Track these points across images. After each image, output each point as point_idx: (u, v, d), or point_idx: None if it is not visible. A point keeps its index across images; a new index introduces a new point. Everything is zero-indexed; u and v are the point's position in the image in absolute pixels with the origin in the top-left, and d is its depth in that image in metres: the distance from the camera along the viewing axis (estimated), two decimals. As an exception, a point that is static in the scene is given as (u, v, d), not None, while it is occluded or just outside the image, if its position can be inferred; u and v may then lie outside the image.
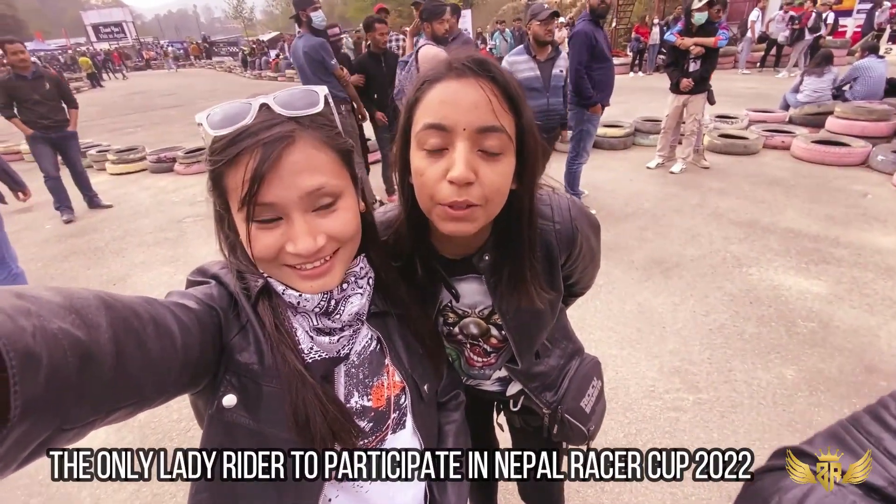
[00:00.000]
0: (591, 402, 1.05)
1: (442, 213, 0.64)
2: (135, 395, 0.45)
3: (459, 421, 0.91)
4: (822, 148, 5.13)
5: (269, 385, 0.59)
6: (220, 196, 0.59)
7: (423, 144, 0.63)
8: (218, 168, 0.55)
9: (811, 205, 4.12)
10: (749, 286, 2.99)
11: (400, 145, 0.69)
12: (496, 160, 0.62)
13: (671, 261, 3.35)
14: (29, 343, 0.34)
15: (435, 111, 0.61)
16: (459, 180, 0.60)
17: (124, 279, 3.69)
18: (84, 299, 0.41)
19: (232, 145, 0.54)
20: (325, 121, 0.60)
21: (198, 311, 0.56)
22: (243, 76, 22.64)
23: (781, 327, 2.59)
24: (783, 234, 3.64)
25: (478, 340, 0.92)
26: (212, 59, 35.98)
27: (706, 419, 2.03)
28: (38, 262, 4.11)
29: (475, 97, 0.60)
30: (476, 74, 0.61)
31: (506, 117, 0.62)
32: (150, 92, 17.72)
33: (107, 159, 6.77)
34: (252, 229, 0.55)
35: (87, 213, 5.21)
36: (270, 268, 0.60)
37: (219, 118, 0.56)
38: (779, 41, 11.84)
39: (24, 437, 0.35)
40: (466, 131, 0.60)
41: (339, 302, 0.64)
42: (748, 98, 8.45)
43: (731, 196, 4.41)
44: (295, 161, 0.54)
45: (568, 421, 1.02)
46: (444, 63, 0.63)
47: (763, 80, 11.05)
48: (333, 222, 0.59)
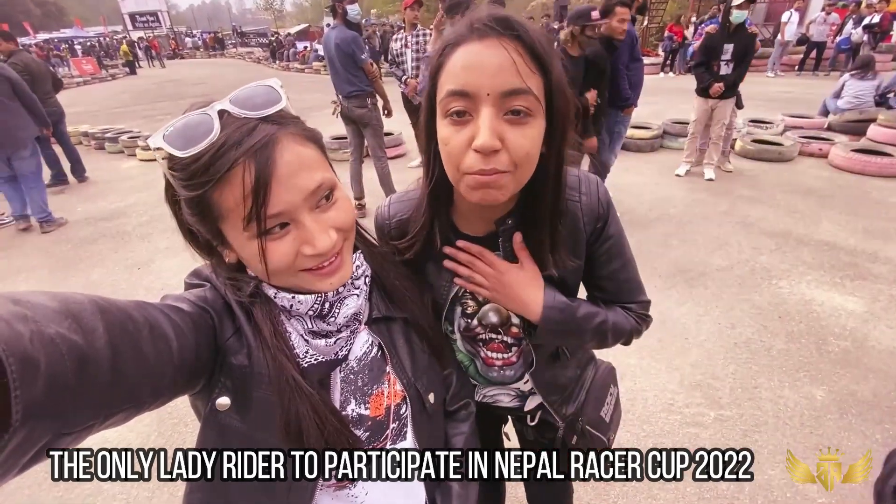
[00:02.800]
0: (610, 410, 1.02)
1: (471, 182, 0.61)
2: (132, 398, 0.45)
3: (468, 433, 0.88)
4: (863, 157, 4.90)
5: (258, 390, 0.58)
6: (210, 223, 0.54)
7: (447, 112, 0.60)
8: (205, 192, 0.51)
9: (848, 217, 3.94)
10: (779, 300, 2.87)
11: (426, 114, 0.67)
12: (524, 124, 0.59)
13: (696, 270, 3.24)
14: (27, 348, 0.34)
15: (457, 76, 0.58)
16: (484, 149, 0.57)
17: (148, 264, 3.78)
18: (79, 304, 0.41)
19: (216, 160, 0.49)
20: (291, 115, 0.58)
21: (192, 314, 0.55)
22: (271, 67, 22.94)
23: (812, 345, 2.47)
24: (817, 246, 3.48)
25: (498, 332, 0.87)
26: (223, 49, 36.95)
27: (727, 437, 1.95)
28: (69, 244, 4.24)
29: (499, 59, 0.56)
30: (499, 34, 0.57)
31: (533, 78, 0.58)
32: (183, 80, 18.13)
33: (137, 146, 6.94)
34: (266, 244, 0.53)
35: (118, 198, 5.35)
36: (285, 277, 0.58)
37: (181, 136, 0.50)
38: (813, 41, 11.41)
39: (25, 442, 0.35)
40: (491, 96, 0.57)
41: (333, 304, 0.63)
42: (783, 102, 8.13)
43: (763, 204, 4.25)
44: (288, 162, 0.52)
45: (589, 432, 0.98)
46: (466, 24, 0.60)
47: (799, 83, 10.62)
48: (337, 214, 0.58)
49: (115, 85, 18.89)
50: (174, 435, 2.14)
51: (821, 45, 11.64)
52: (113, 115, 10.12)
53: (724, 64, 4.31)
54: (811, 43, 11.72)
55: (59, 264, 3.86)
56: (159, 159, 0.53)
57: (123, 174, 6.32)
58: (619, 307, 0.86)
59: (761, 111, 6.86)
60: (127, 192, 5.51)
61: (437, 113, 0.63)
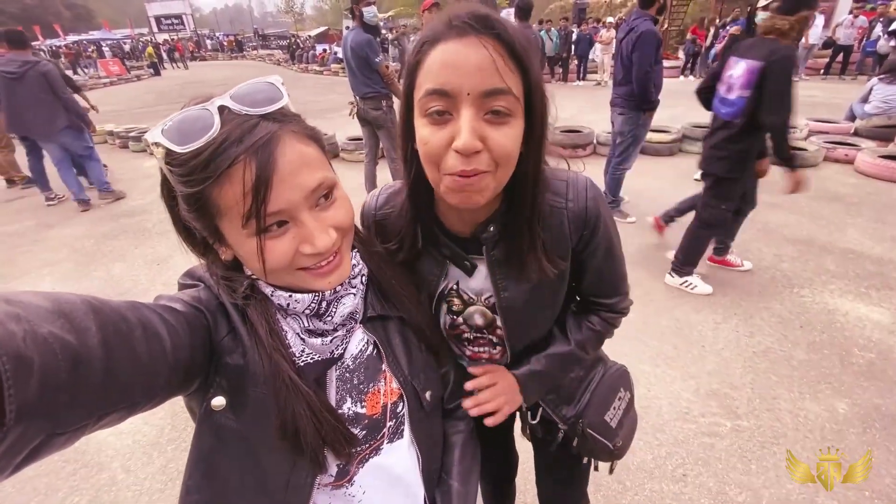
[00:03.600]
0: (618, 415, 0.99)
1: (451, 184, 0.60)
2: (125, 399, 0.44)
3: (466, 432, 0.87)
4: (891, 164, 4.74)
5: (254, 389, 0.58)
6: (208, 220, 0.54)
7: (426, 111, 0.59)
8: (204, 188, 0.50)
9: (875, 224, 3.81)
10: (800, 309, 2.79)
11: (403, 111, 0.65)
12: (504, 123, 0.58)
13: (715, 276, 3.17)
14: (20, 347, 0.34)
15: (436, 75, 0.57)
16: (466, 150, 0.56)
17: (167, 260, 3.85)
18: (71, 304, 0.41)
19: (217, 157, 0.49)
20: (292, 113, 0.57)
21: (186, 314, 0.55)
22: (291, 69, 23.27)
23: (835, 356, 2.39)
24: (842, 254, 3.38)
25: (483, 332, 0.87)
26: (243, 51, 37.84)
27: (744, 448, 1.90)
28: (91, 239, 4.35)
29: (478, 58, 0.55)
30: (479, 32, 0.56)
31: (512, 77, 0.57)
32: (205, 82, 18.49)
33: (159, 144, 7.09)
34: (266, 242, 0.53)
35: (140, 195, 5.47)
36: (283, 276, 0.57)
37: (180, 131, 0.50)
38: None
39: (18, 441, 0.35)
40: (471, 96, 0.56)
41: (330, 303, 0.63)
42: (808, 107, 7.92)
43: (785, 210, 4.14)
44: (290, 161, 0.52)
45: (590, 436, 0.96)
46: (445, 21, 0.58)
47: (824, 87, 10.34)
48: (336, 213, 0.58)
49: (139, 86, 19.37)
50: (188, 428, 2.17)
51: (847, 48, 11.34)
52: (137, 114, 10.38)
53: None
54: (837, 46, 11.43)
55: (83, 259, 3.96)
56: (156, 154, 0.51)
57: (145, 172, 6.47)
58: (592, 316, 0.89)
59: (785, 116, 6.70)
60: (148, 190, 5.63)
61: (416, 112, 0.62)
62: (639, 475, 1.82)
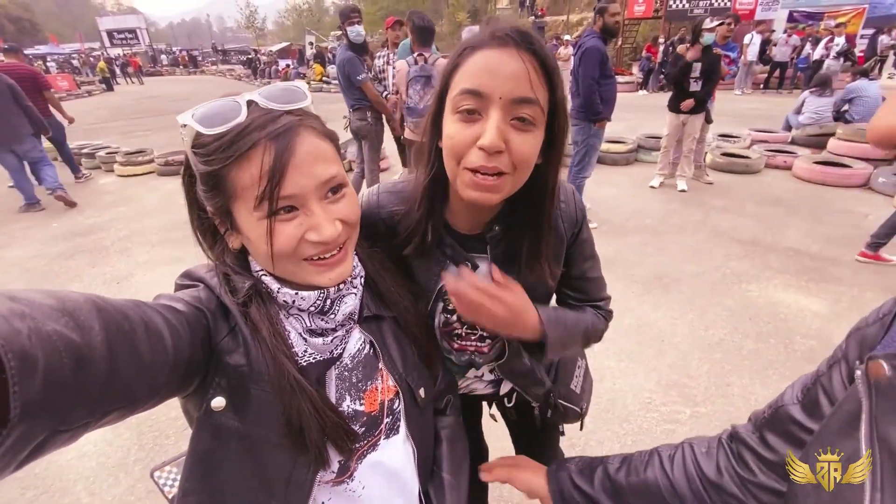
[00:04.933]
0: (580, 381, 1.08)
1: (468, 180, 0.65)
2: (127, 397, 0.45)
3: (454, 426, 0.91)
4: (824, 169, 5.18)
5: (257, 388, 0.59)
6: (221, 199, 0.57)
7: (457, 108, 0.64)
8: (223, 167, 0.54)
9: (812, 224, 4.14)
10: (748, 303, 3.00)
11: (433, 110, 0.70)
12: (527, 131, 0.63)
13: (671, 276, 3.36)
14: (25, 345, 0.34)
15: (473, 77, 0.62)
16: (490, 148, 0.61)
17: (127, 278, 3.72)
18: (76, 302, 0.41)
19: (238, 140, 0.53)
20: (313, 114, 0.61)
21: (186, 314, 0.55)
22: (253, 84, 22.94)
23: (780, 344, 2.59)
24: (784, 252, 3.65)
25: (474, 328, 0.91)
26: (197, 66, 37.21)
27: (703, 432, 1.99)
28: (44, 258, 4.15)
29: (514, 67, 0.61)
30: (517, 45, 0.62)
31: (541, 91, 0.63)
32: (162, 97, 17.98)
33: (115, 161, 6.85)
34: (275, 225, 0.55)
35: (96, 213, 5.26)
36: (287, 264, 0.59)
37: (209, 116, 0.54)
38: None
39: (22, 438, 0.35)
40: (502, 100, 0.61)
41: (334, 301, 0.65)
42: (750, 118, 8.53)
43: (733, 214, 4.44)
44: (307, 151, 0.55)
45: (562, 405, 1.04)
46: (489, 32, 0.64)
47: (764, 100, 11.14)
48: (344, 207, 0.60)
49: (91, 101, 18.58)
50: (155, 447, 2.10)
51: (783, 64, 12.30)
52: (90, 130, 9.96)
53: (693, 81, 4.55)
54: (774, 63, 12.38)
55: (36, 280, 3.77)
56: (184, 137, 0.55)
57: (101, 189, 6.23)
58: (589, 308, 0.92)
59: (729, 126, 7.18)
60: (104, 208, 5.43)
61: (446, 110, 0.66)
62: (609, 448, 1.90)
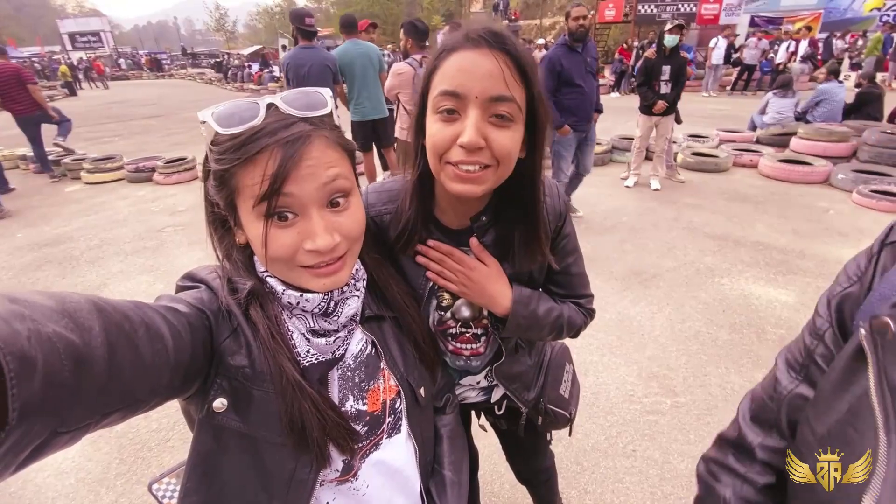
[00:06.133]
0: (568, 386, 1.10)
1: (451, 173, 0.68)
2: (128, 398, 0.45)
3: (453, 424, 0.92)
4: (787, 166, 5.41)
5: (259, 389, 0.59)
6: (228, 196, 0.58)
7: (437, 109, 0.67)
8: (232, 167, 0.55)
9: (779, 219, 4.33)
10: (722, 295, 3.11)
11: (417, 110, 0.73)
12: (506, 127, 0.66)
13: (649, 272, 3.46)
14: (24, 346, 0.34)
15: (451, 78, 0.65)
16: (469, 146, 0.64)
17: (101, 288, 3.60)
18: (76, 303, 0.41)
19: (248, 143, 0.54)
20: (332, 122, 0.62)
21: (188, 315, 0.55)
22: (225, 88, 22.45)
23: (752, 334, 2.70)
24: (753, 246, 3.81)
25: (469, 325, 0.92)
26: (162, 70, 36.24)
27: (683, 421, 2.10)
28: (10, 271, 3.98)
29: (489, 67, 0.63)
30: (491, 46, 0.64)
31: (517, 88, 0.65)
32: (130, 101, 17.42)
33: (82, 168, 6.61)
34: (270, 228, 0.55)
35: (63, 222, 5.07)
36: (283, 269, 0.60)
37: (227, 116, 0.56)
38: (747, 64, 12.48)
39: (22, 440, 0.35)
40: (479, 99, 0.64)
41: (338, 303, 0.65)
42: (718, 119, 8.84)
43: (705, 211, 4.60)
44: (314, 157, 0.56)
45: (552, 410, 1.06)
46: (463, 33, 0.66)
47: (731, 102, 11.57)
48: (346, 220, 0.60)
49: (53, 106, 17.87)
50: (137, 461, 2.05)
51: (751, 67, 12.78)
52: (52, 137, 9.60)
53: (663, 83, 4.70)
54: (744, 65, 12.84)
55: (-1, 293, 3.61)
56: (203, 132, 0.57)
57: (67, 198, 6.00)
58: (571, 303, 0.95)
59: (698, 127, 7.43)
60: (72, 216, 5.23)
61: (428, 110, 0.69)
62: (593, 455, 1.95)
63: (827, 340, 0.54)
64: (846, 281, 0.53)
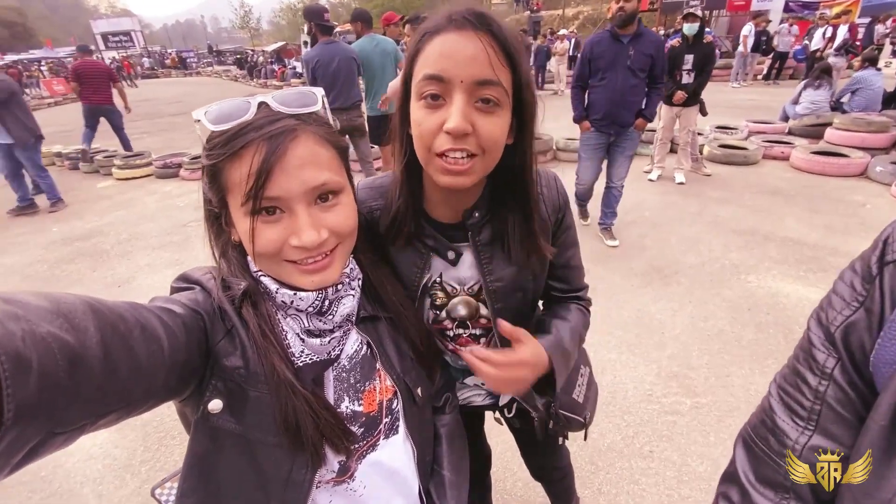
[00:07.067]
0: (583, 390, 1.05)
1: (439, 166, 0.66)
2: (123, 400, 0.45)
3: (452, 424, 0.91)
4: (822, 159, 5.18)
5: (254, 390, 0.59)
6: (218, 192, 0.59)
7: (421, 94, 0.64)
8: (218, 162, 0.56)
9: (810, 214, 4.15)
10: (747, 293, 3.01)
11: (401, 97, 0.70)
12: (492, 113, 0.64)
13: (670, 268, 3.37)
14: (19, 347, 0.34)
15: (434, 62, 0.62)
16: (456, 131, 0.62)
17: (129, 281, 3.73)
18: (70, 304, 0.41)
19: (235, 139, 0.55)
20: (323, 119, 0.62)
21: (183, 316, 0.55)
22: (249, 84, 22.88)
23: (779, 333, 2.60)
24: (782, 242, 3.66)
25: (466, 325, 0.89)
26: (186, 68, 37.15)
27: (703, 423, 2.04)
28: (44, 264, 4.16)
29: (473, 50, 0.61)
30: (475, 27, 0.62)
31: (503, 71, 0.63)
32: (158, 100, 17.92)
33: (113, 164, 6.85)
34: (257, 224, 0.56)
35: (95, 217, 5.27)
36: (270, 264, 0.60)
37: (218, 114, 0.57)
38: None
39: (17, 441, 0.35)
40: (464, 83, 0.61)
41: (332, 302, 0.65)
42: (747, 109, 8.52)
43: (731, 205, 4.45)
44: (299, 155, 0.56)
45: (564, 416, 1.01)
46: (445, 15, 0.64)
47: (762, 92, 11.13)
48: (335, 217, 0.60)
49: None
50: (161, 448, 2.12)
51: (784, 55, 12.22)
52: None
53: (685, 73, 4.53)
54: (777, 53, 12.29)
55: (36, 286, 3.78)
56: (198, 130, 0.58)
57: (99, 194, 6.23)
58: (572, 304, 0.92)
59: (726, 118, 7.18)
60: (104, 211, 5.43)
61: (412, 96, 0.67)
62: (609, 455, 1.92)
63: (838, 378, 0.47)
64: (843, 306, 0.47)
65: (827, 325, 0.48)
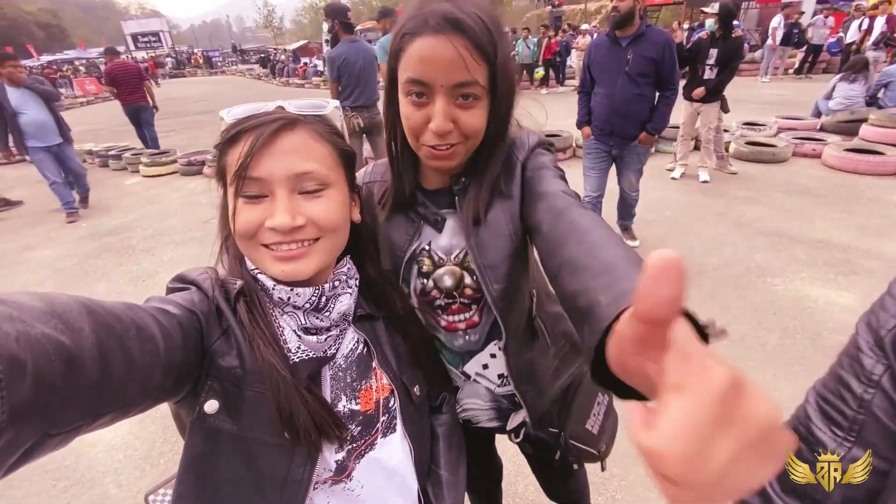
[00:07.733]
0: (599, 420, 0.98)
1: (427, 153, 0.74)
2: (119, 400, 0.45)
3: (450, 423, 0.90)
4: (856, 156, 4.95)
5: (251, 389, 0.59)
6: (221, 178, 0.64)
7: (407, 93, 0.71)
8: (220, 147, 0.62)
9: (842, 215, 3.98)
10: (773, 297, 2.91)
11: (387, 85, 0.77)
12: (472, 107, 0.71)
13: (692, 269, 3.28)
14: (13, 348, 0.34)
15: (415, 67, 0.68)
16: (439, 132, 0.70)
17: (153, 276, 3.84)
18: (65, 304, 0.41)
19: (236, 127, 0.60)
20: (328, 121, 0.66)
21: (179, 316, 0.55)
22: (272, 83, 23.25)
23: (806, 339, 2.51)
24: (811, 244, 3.52)
25: (453, 295, 0.85)
26: (212, 67, 38.32)
27: (724, 431, 1.98)
28: (73, 258, 4.31)
29: (450, 56, 0.66)
30: (448, 32, 0.66)
31: (479, 69, 0.68)
32: (183, 98, 18.38)
33: (140, 162, 7.05)
34: (239, 204, 0.59)
35: (122, 213, 5.43)
36: (248, 248, 0.62)
37: (239, 112, 0.63)
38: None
39: (12, 442, 0.35)
40: (444, 87, 0.68)
41: (329, 299, 0.66)
42: (777, 105, 8.22)
43: (758, 205, 4.30)
44: (290, 143, 0.60)
45: (574, 447, 0.96)
46: (422, 18, 0.68)
47: (792, 87, 10.73)
48: (316, 207, 0.61)
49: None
50: (180, 441, 2.09)
51: (819, 48, 11.73)
52: (116, 133, 10.26)
53: (707, 68, 4.35)
54: (811, 46, 11.80)
55: (65, 279, 3.92)
56: (222, 127, 0.64)
57: (127, 190, 6.43)
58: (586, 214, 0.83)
59: (754, 114, 6.94)
60: (130, 208, 5.60)
61: (399, 92, 0.73)
62: (625, 462, 1.88)
63: (885, 387, 0.43)
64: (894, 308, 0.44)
65: (877, 328, 0.45)
